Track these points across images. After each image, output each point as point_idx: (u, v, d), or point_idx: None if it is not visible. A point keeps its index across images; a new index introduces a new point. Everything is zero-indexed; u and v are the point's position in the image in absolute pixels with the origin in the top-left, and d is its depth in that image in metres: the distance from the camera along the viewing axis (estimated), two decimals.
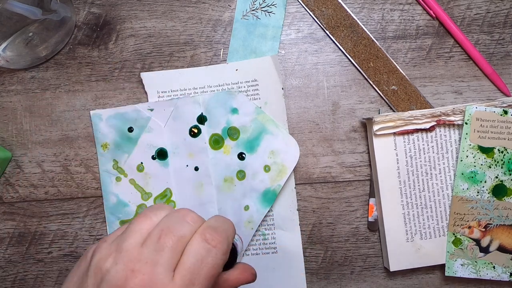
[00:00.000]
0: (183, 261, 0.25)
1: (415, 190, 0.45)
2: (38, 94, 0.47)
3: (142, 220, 0.27)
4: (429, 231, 0.45)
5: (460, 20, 0.47)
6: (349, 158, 0.47)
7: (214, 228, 0.27)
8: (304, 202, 0.47)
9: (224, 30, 0.47)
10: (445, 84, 0.47)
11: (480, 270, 0.44)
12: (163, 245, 0.25)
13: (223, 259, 0.26)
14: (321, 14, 0.47)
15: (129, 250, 0.25)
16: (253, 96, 0.46)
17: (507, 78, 0.47)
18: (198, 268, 0.25)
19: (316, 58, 0.47)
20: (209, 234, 0.26)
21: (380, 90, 0.47)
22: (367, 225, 0.47)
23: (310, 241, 0.47)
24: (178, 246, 0.25)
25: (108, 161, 0.46)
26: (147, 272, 0.24)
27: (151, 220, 0.27)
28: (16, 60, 0.45)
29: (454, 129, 0.45)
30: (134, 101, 0.47)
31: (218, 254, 0.26)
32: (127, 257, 0.25)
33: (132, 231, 0.26)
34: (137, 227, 0.26)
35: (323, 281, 0.47)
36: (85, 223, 0.47)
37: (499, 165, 0.44)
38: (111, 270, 0.24)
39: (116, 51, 0.47)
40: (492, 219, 0.44)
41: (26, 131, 0.47)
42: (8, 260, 0.47)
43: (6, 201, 0.47)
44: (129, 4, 0.47)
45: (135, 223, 0.27)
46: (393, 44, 0.47)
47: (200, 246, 0.26)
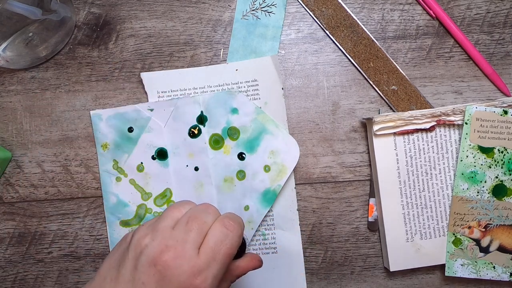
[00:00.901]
0: (206, 241, 0.31)
1: (415, 190, 0.45)
2: (38, 94, 0.47)
3: (173, 209, 0.33)
4: (429, 231, 0.45)
5: (460, 20, 0.47)
6: (349, 158, 0.47)
7: (230, 217, 0.33)
8: (304, 202, 0.47)
9: (224, 30, 0.47)
10: (445, 84, 0.47)
11: (480, 270, 0.44)
12: (191, 228, 0.31)
13: (237, 242, 0.32)
14: (321, 14, 0.47)
15: (164, 230, 0.31)
16: (253, 96, 0.46)
17: (507, 78, 0.47)
18: (218, 247, 0.31)
19: (316, 58, 0.47)
20: (227, 222, 0.32)
21: (380, 90, 0.47)
22: (367, 225, 0.47)
23: (310, 241, 0.47)
24: (203, 229, 0.31)
25: (108, 161, 0.46)
26: (178, 247, 0.30)
27: (180, 210, 0.33)
28: (16, 60, 0.45)
29: (454, 129, 0.45)
30: (134, 101, 0.47)
31: (234, 237, 0.32)
32: (162, 235, 0.30)
33: (165, 217, 0.32)
34: (169, 214, 0.32)
35: (323, 281, 0.47)
36: (85, 223, 0.47)
37: (499, 165, 0.44)
38: (149, 245, 0.30)
39: (116, 51, 0.47)
40: (492, 219, 0.44)
41: (26, 131, 0.47)
42: (8, 260, 0.47)
43: (6, 201, 0.47)
44: (129, 4, 0.47)
45: (167, 211, 0.33)
46: (393, 44, 0.47)
47: (220, 230, 0.31)
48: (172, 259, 0.29)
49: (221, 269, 0.31)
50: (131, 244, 0.31)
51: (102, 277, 0.31)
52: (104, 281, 0.31)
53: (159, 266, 0.29)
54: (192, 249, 0.30)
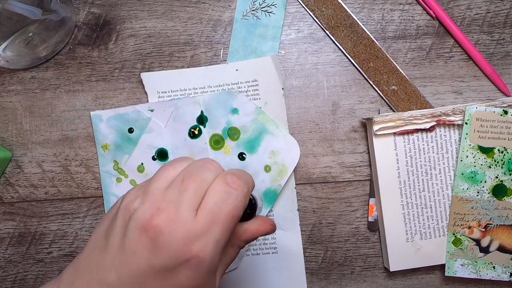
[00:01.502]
0: (205, 202, 0.27)
1: (415, 190, 0.45)
2: (38, 94, 0.47)
3: (167, 168, 0.28)
4: (429, 231, 0.45)
5: (460, 20, 0.47)
6: (349, 158, 0.47)
7: (235, 174, 0.28)
8: (304, 202, 0.47)
9: (224, 30, 0.47)
10: (445, 84, 0.47)
11: (480, 270, 0.44)
12: (186, 187, 0.26)
13: (243, 202, 0.28)
14: (321, 14, 0.47)
15: (155, 192, 0.27)
16: (253, 96, 0.46)
17: (507, 78, 0.47)
18: (219, 208, 0.26)
19: (316, 58, 0.47)
20: (230, 178, 0.27)
21: (380, 90, 0.47)
22: (367, 225, 0.47)
23: (310, 241, 0.47)
24: (200, 188, 0.27)
25: (109, 162, 0.46)
26: (171, 210, 0.26)
27: (175, 169, 0.28)
28: (16, 60, 0.45)
29: (454, 129, 0.45)
30: (134, 101, 0.47)
31: (238, 197, 0.27)
32: (153, 198, 0.26)
33: (157, 177, 0.28)
34: (163, 174, 0.28)
35: (323, 281, 0.47)
36: (85, 223, 0.47)
37: (499, 165, 0.44)
38: (138, 210, 0.26)
39: (116, 51, 0.47)
40: (492, 219, 0.44)
41: (26, 131, 0.47)
42: (8, 260, 0.47)
43: (6, 201, 0.47)
44: (129, 4, 0.47)
45: (160, 171, 0.28)
46: (393, 44, 0.47)
47: (221, 188, 0.27)
48: (164, 223, 0.25)
49: (224, 233, 0.27)
50: (119, 209, 0.27)
51: (90, 248, 0.28)
52: (92, 252, 0.28)
53: (150, 232, 0.25)
54: (188, 211, 0.26)
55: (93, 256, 0.27)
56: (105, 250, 0.27)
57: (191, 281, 0.26)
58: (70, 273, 0.28)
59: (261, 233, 0.31)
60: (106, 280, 0.26)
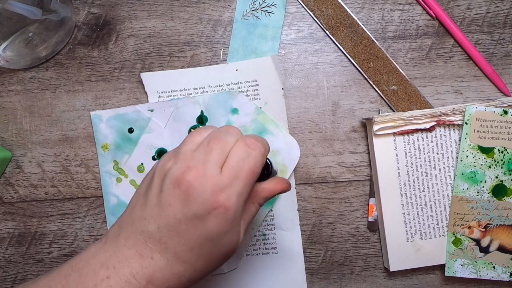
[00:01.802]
0: (228, 160, 0.31)
1: (415, 190, 0.45)
2: (38, 94, 0.47)
3: (194, 134, 0.33)
4: (429, 231, 0.45)
5: (460, 20, 0.47)
6: (349, 158, 0.47)
7: (253, 137, 0.32)
8: (304, 202, 0.47)
9: (224, 30, 0.47)
10: (445, 84, 0.47)
11: (480, 270, 0.44)
12: (212, 148, 0.31)
13: (261, 161, 0.31)
14: (321, 14, 0.47)
15: (185, 154, 0.31)
16: (253, 96, 0.46)
17: (507, 78, 0.47)
18: (241, 165, 0.30)
19: (316, 58, 0.47)
20: (249, 140, 0.31)
21: (380, 90, 0.47)
22: (367, 225, 0.47)
23: (310, 241, 0.47)
24: (224, 149, 0.31)
25: (109, 162, 0.46)
26: (200, 167, 0.30)
27: (201, 134, 0.33)
28: (16, 60, 0.45)
29: (454, 129, 0.45)
30: (134, 101, 0.47)
31: (257, 156, 0.31)
32: (184, 158, 0.31)
33: (186, 141, 0.32)
34: (191, 139, 0.32)
35: (323, 281, 0.47)
36: (85, 223, 0.47)
37: (499, 165, 0.44)
38: (172, 168, 0.30)
39: (116, 51, 0.47)
40: (492, 219, 0.44)
41: (26, 131, 0.47)
42: (8, 260, 0.47)
43: (6, 201, 0.47)
44: (129, 4, 0.47)
45: (188, 137, 0.33)
46: (393, 44, 0.47)
47: (242, 149, 0.31)
48: (194, 178, 0.29)
49: (245, 186, 0.31)
50: (155, 170, 0.32)
51: (132, 206, 0.32)
52: (134, 208, 0.32)
53: (182, 186, 0.29)
54: (214, 168, 0.30)
55: (134, 211, 0.32)
56: (145, 205, 0.31)
57: (218, 228, 0.30)
58: (115, 228, 0.32)
59: (277, 191, 0.35)
60: (147, 230, 0.30)
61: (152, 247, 0.30)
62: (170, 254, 0.30)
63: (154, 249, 0.30)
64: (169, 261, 0.30)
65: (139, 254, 0.30)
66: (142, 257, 0.30)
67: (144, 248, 0.30)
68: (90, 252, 0.31)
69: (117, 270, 0.30)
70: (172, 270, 0.30)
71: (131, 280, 0.30)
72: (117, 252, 0.31)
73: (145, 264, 0.30)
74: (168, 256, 0.30)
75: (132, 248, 0.31)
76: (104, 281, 0.29)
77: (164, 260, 0.30)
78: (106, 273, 0.30)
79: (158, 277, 0.30)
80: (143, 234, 0.31)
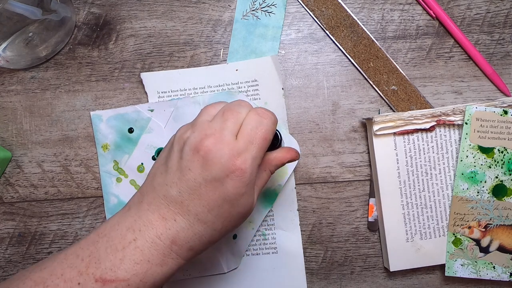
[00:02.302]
0: (242, 129, 0.33)
1: (415, 190, 0.45)
2: (38, 94, 0.47)
3: (208, 107, 0.35)
4: (429, 231, 0.45)
5: (460, 20, 0.47)
6: (349, 158, 0.47)
7: (263, 108, 0.35)
8: (304, 202, 0.47)
9: (224, 30, 0.47)
10: (445, 84, 0.47)
11: (480, 270, 0.44)
12: (226, 118, 0.33)
13: (272, 128, 0.34)
14: (321, 14, 0.47)
15: (202, 123, 0.33)
16: (253, 96, 0.46)
17: (507, 78, 0.47)
18: (254, 132, 0.33)
19: (316, 58, 0.47)
20: (260, 110, 0.34)
21: (380, 90, 0.47)
22: (367, 225, 0.47)
23: (310, 241, 0.47)
24: (238, 119, 0.33)
25: (109, 162, 0.46)
26: (217, 134, 0.32)
27: (215, 108, 0.35)
28: (16, 60, 0.45)
29: (454, 129, 0.45)
30: (134, 101, 0.47)
31: (268, 123, 0.33)
32: (201, 127, 0.33)
33: (202, 113, 0.35)
34: (206, 111, 0.35)
35: (323, 281, 0.47)
36: (85, 223, 0.47)
37: (499, 165, 0.44)
38: (190, 137, 0.33)
39: (116, 51, 0.47)
40: (492, 219, 0.44)
41: (26, 131, 0.47)
42: (8, 260, 0.47)
43: (6, 201, 0.47)
44: (129, 4, 0.47)
45: (203, 110, 0.35)
46: (393, 44, 0.47)
47: (254, 117, 0.33)
48: (212, 144, 0.31)
49: (259, 151, 0.33)
50: (174, 140, 0.34)
51: (152, 175, 0.34)
52: (154, 176, 0.34)
53: (201, 152, 0.31)
54: (230, 135, 0.32)
55: (155, 179, 0.34)
56: (166, 172, 0.33)
57: (236, 190, 0.32)
58: (137, 196, 0.34)
59: (287, 159, 0.37)
60: (169, 194, 0.32)
61: (174, 210, 0.32)
62: (191, 216, 0.32)
63: (176, 212, 0.32)
64: (191, 222, 0.32)
65: (162, 217, 0.32)
66: (166, 220, 0.32)
67: (167, 211, 0.32)
68: (115, 220, 0.33)
69: (143, 233, 0.32)
70: (193, 230, 0.32)
71: (156, 241, 0.32)
72: (142, 217, 0.32)
73: (169, 225, 0.32)
74: (190, 218, 0.32)
75: (155, 212, 0.32)
76: (132, 243, 0.31)
77: (186, 221, 0.32)
78: (133, 236, 0.32)
79: (181, 237, 0.32)
80: (166, 199, 0.32)
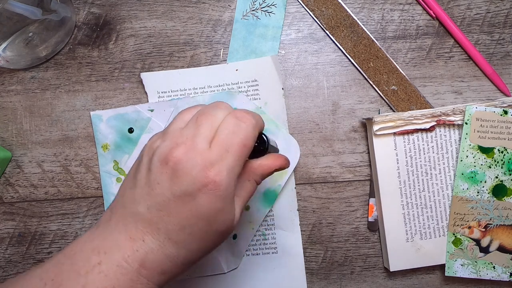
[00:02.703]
0: (217, 135, 0.29)
1: (415, 190, 0.45)
2: (38, 94, 0.47)
3: (183, 112, 0.32)
4: (429, 231, 0.45)
5: (460, 20, 0.47)
6: (349, 158, 0.47)
7: (243, 110, 0.31)
8: (304, 202, 0.47)
9: (224, 30, 0.47)
10: (445, 84, 0.47)
11: (480, 270, 0.44)
12: (200, 123, 0.30)
13: (252, 133, 0.30)
14: (321, 14, 0.47)
15: (174, 131, 0.30)
16: (253, 96, 0.46)
17: (507, 78, 0.47)
18: (231, 138, 0.29)
19: (316, 58, 0.47)
20: (239, 113, 0.30)
21: (380, 90, 0.47)
22: (367, 225, 0.47)
23: (310, 241, 0.47)
24: (213, 123, 0.30)
25: (109, 162, 0.46)
26: (188, 142, 0.29)
27: (190, 112, 0.32)
28: (16, 60, 0.45)
29: (454, 129, 0.45)
30: (134, 101, 0.47)
31: (248, 128, 0.30)
32: (172, 135, 0.30)
33: (175, 120, 0.32)
34: (179, 117, 0.32)
35: (323, 281, 0.47)
36: (85, 223, 0.47)
37: (499, 165, 0.44)
38: (160, 146, 0.30)
39: (116, 51, 0.47)
40: (492, 219, 0.44)
41: (26, 131, 0.47)
42: (8, 260, 0.47)
43: (6, 201, 0.47)
44: (129, 4, 0.47)
45: (177, 115, 0.32)
46: (393, 44, 0.47)
47: (232, 122, 0.30)
48: (183, 153, 0.28)
49: (236, 161, 0.29)
50: (144, 149, 0.31)
51: (122, 190, 0.32)
52: (124, 192, 0.31)
53: (170, 163, 0.28)
54: (203, 143, 0.29)
55: (124, 195, 0.31)
56: (135, 187, 0.30)
57: (210, 205, 0.28)
58: (107, 213, 0.31)
59: (275, 167, 0.33)
60: (137, 212, 0.29)
61: (143, 229, 0.29)
62: (162, 235, 0.29)
63: (145, 231, 0.29)
64: (161, 242, 0.29)
65: (130, 237, 0.29)
66: (134, 240, 0.29)
67: (135, 230, 0.29)
68: (83, 239, 0.30)
69: (109, 255, 0.29)
70: (165, 251, 0.29)
71: (122, 264, 0.28)
72: (108, 237, 0.29)
73: (136, 247, 0.29)
74: (160, 238, 0.29)
75: (122, 232, 0.29)
76: (96, 267, 0.28)
77: (156, 241, 0.29)
78: (97, 259, 0.28)
79: (150, 259, 0.29)
80: (134, 216, 0.29)
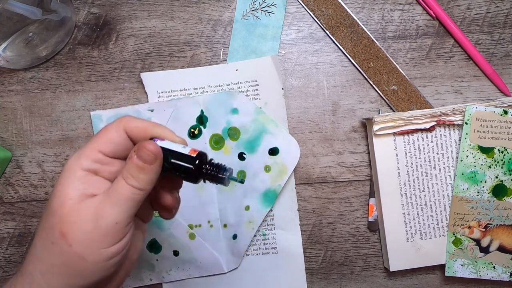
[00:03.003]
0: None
1: (415, 190, 0.45)
2: (38, 94, 0.47)
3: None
4: (429, 231, 0.45)
5: (460, 20, 0.47)
6: (349, 158, 0.47)
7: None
8: (304, 202, 0.47)
9: (224, 30, 0.47)
10: (445, 84, 0.47)
11: (480, 270, 0.44)
12: None
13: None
14: (321, 14, 0.47)
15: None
16: (253, 96, 0.46)
17: (507, 78, 0.47)
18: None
19: (316, 58, 0.47)
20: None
21: (380, 90, 0.47)
22: (367, 225, 0.47)
23: (310, 241, 0.47)
24: None
25: None
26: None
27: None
28: (16, 60, 0.45)
29: (454, 129, 0.45)
30: (134, 101, 0.47)
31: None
32: None
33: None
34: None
35: (323, 281, 0.47)
36: None
37: (499, 165, 0.44)
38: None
39: (116, 51, 0.47)
40: (492, 219, 0.44)
41: (26, 131, 0.47)
42: (8, 260, 0.47)
43: (6, 201, 0.47)
44: (129, 4, 0.47)
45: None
46: (393, 44, 0.47)
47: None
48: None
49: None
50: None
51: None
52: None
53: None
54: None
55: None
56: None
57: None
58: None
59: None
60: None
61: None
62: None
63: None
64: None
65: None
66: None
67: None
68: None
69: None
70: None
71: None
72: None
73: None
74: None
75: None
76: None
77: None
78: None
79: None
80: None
